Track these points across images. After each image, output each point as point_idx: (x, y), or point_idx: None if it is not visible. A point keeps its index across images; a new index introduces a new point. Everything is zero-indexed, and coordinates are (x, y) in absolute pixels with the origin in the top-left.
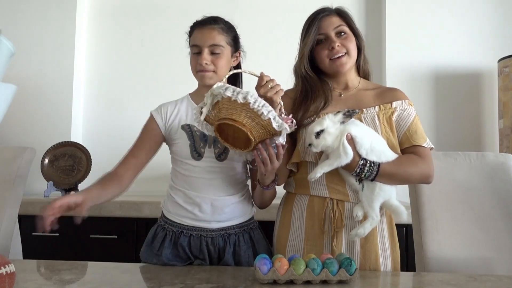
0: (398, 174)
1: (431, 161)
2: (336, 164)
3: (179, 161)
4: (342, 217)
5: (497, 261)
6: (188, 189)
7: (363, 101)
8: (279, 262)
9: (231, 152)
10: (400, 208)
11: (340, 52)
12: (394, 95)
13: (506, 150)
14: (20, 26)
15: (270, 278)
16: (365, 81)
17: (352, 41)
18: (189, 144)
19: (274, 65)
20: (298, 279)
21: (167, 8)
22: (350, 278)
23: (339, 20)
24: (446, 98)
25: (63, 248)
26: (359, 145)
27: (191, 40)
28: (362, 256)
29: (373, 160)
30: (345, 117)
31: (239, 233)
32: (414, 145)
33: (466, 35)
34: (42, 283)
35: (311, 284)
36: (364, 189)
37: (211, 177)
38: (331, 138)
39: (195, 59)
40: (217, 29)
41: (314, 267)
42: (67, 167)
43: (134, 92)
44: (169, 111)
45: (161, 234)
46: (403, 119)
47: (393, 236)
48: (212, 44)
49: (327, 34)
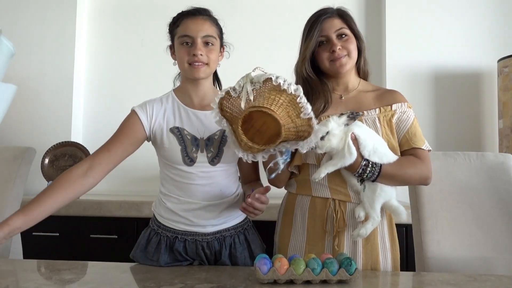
0: (399, 176)
1: (429, 163)
2: (340, 164)
3: (169, 166)
4: (344, 218)
5: (497, 261)
6: (181, 196)
7: (363, 103)
8: (279, 262)
9: (225, 155)
10: (400, 209)
11: (341, 55)
12: (394, 97)
13: (506, 150)
14: (20, 26)
15: (270, 278)
16: (365, 82)
17: (352, 43)
18: (180, 149)
19: (274, 63)
20: (298, 279)
21: (167, 8)
22: (350, 278)
23: (340, 22)
24: (446, 98)
25: (63, 248)
26: (363, 146)
27: (180, 30)
28: (364, 255)
29: (375, 161)
30: (349, 119)
31: (234, 235)
32: (413, 147)
33: (466, 35)
34: (42, 283)
35: (311, 284)
36: (366, 190)
37: (204, 182)
38: (336, 140)
39: (185, 50)
40: (208, 20)
41: (314, 267)
42: (67, 167)
43: (134, 92)
44: (155, 109)
45: (155, 239)
46: (403, 122)
47: (393, 235)
48: (206, 35)
49: (328, 36)
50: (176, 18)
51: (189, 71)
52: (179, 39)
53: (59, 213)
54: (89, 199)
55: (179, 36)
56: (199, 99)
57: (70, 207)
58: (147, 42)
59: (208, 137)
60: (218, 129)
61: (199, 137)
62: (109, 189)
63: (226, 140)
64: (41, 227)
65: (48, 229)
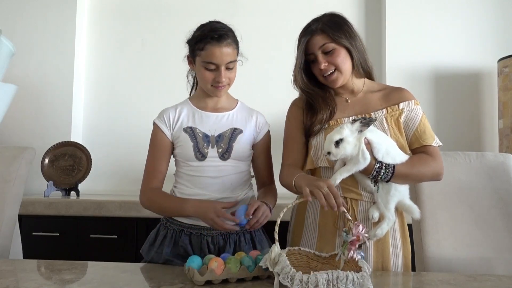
0: (412, 174)
1: (440, 159)
2: (354, 169)
3: (183, 163)
4: (356, 215)
5: (497, 261)
6: (192, 187)
7: (370, 105)
8: (215, 262)
9: (234, 150)
10: (413, 207)
11: (328, 71)
12: (401, 96)
13: (506, 150)
14: (20, 26)
15: (207, 278)
16: (370, 82)
17: (339, 55)
18: (192, 145)
19: (274, 63)
20: (233, 277)
21: (167, 8)
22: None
23: (322, 38)
24: (446, 98)
25: (63, 248)
26: (376, 150)
27: (204, 56)
28: (375, 253)
29: (388, 163)
30: (363, 125)
31: (240, 233)
32: (423, 145)
33: (466, 35)
34: (42, 283)
35: (244, 281)
36: (380, 190)
37: (215, 175)
38: (350, 147)
39: (209, 74)
40: (231, 44)
41: (249, 264)
42: (67, 167)
43: (134, 92)
44: (171, 116)
45: (163, 232)
46: (411, 120)
47: (404, 233)
48: (229, 62)
49: (314, 54)
50: (200, 38)
51: (211, 91)
52: (203, 63)
53: (59, 213)
54: (89, 199)
55: (204, 61)
56: (213, 104)
57: (70, 207)
58: (147, 42)
59: (218, 134)
60: (228, 127)
61: (210, 134)
62: (109, 189)
63: (235, 137)
64: (41, 227)
65: (48, 229)
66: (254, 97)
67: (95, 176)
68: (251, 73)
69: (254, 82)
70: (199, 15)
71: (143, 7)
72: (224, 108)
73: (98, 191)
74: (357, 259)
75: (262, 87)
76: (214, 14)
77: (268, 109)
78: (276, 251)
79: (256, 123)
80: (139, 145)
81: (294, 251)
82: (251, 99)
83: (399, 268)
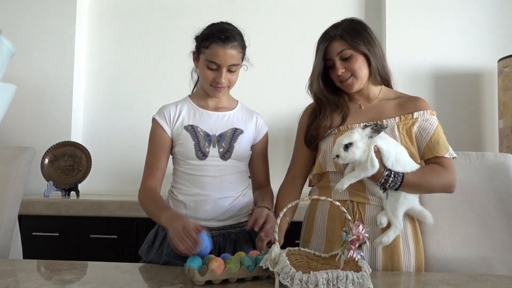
0: (422, 185)
1: (453, 171)
2: (362, 175)
3: (182, 161)
4: (363, 219)
5: (497, 261)
6: (191, 187)
7: (384, 112)
8: (216, 262)
9: (235, 151)
10: (424, 212)
11: (345, 77)
12: (416, 105)
13: (506, 150)
14: (20, 26)
15: (208, 278)
16: (387, 89)
17: (356, 61)
18: (193, 144)
19: (276, 63)
20: (233, 277)
21: (167, 8)
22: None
23: (341, 45)
24: (446, 98)
25: (63, 248)
26: (386, 157)
27: (208, 54)
28: (384, 257)
29: (397, 171)
30: (373, 131)
31: (239, 233)
32: (436, 156)
33: (466, 35)
34: (42, 283)
35: (244, 281)
36: (389, 198)
37: (215, 174)
38: (359, 152)
39: (210, 74)
40: (237, 47)
41: (249, 264)
42: (67, 167)
43: (134, 92)
44: (171, 113)
45: (162, 233)
46: (425, 130)
47: (417, 238)
48: (231, 64)
49: (332, 60)
50: (207, 36)
51: (210, 90)
52: (206, 61)
53: (59, 213)
54: (89, 199)
55: (207, 59)
56: (214, 103)
57: (70, 207)
58: (147, 42)
59: (220, 134)
60: (230, 127)
61: (211, 134)
62: (109, 189)
63: (236, 137)
64: (41, 227)
65: (48, 229)
66: (251, 99)
67: (95, 176)
68: (251, 73)
69: (252, 84)
70: (199, 15)
71: (143, 7)
72: (224, 108)
73: (98, 191)
74: (357, 259)
75: (260, 89)
76: (214, 14)
77: (266, 111)
78: (276, 251)
79: (256, 124)
80: (139, 145)
81: (294, 251)
82: (248, 101)
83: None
